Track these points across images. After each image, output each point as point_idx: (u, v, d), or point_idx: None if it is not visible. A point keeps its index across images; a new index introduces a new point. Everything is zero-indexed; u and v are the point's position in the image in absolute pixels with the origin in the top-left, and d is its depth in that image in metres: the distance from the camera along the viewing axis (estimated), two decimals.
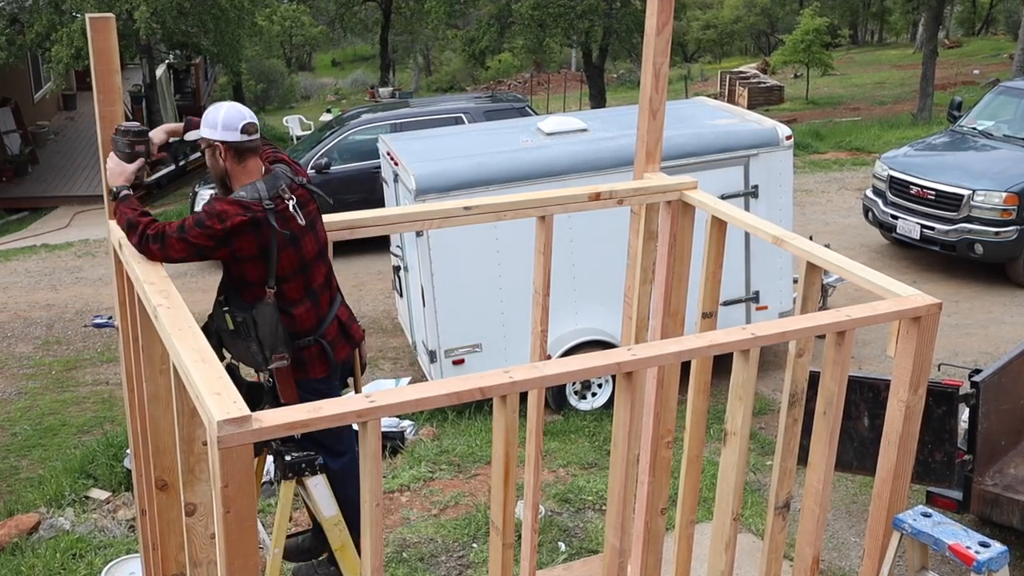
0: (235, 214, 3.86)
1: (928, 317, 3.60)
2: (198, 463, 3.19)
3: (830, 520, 6.61)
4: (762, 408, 8.34)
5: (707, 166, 8.18)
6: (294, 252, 4.04)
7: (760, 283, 8.79)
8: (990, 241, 10.59)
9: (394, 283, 9.45)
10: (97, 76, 3.74)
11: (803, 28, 27.90)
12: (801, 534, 4.00)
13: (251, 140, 3.99)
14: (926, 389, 3.77)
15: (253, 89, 35.83)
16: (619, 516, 3.57)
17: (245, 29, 21.39)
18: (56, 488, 7.21)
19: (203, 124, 3.98)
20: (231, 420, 2.59)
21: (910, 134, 17.82)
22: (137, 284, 3.56)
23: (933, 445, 5.69)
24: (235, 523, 2.68)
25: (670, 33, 4.46)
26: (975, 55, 33.90)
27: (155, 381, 3.64)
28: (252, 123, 3.99)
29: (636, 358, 3.25)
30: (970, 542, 3.94)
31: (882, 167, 11.71)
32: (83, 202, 18.17)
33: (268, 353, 4.09)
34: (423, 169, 7.94)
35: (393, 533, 6.42)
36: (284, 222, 3.98)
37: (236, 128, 3.94)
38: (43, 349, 10.62)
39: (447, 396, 2.96)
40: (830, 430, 3.77)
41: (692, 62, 43.09)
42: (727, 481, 3.88)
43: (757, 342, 3.48)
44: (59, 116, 24.87)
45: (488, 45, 21.78)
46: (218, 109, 3.97)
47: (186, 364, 2.88)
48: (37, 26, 18.40)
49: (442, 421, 8.27)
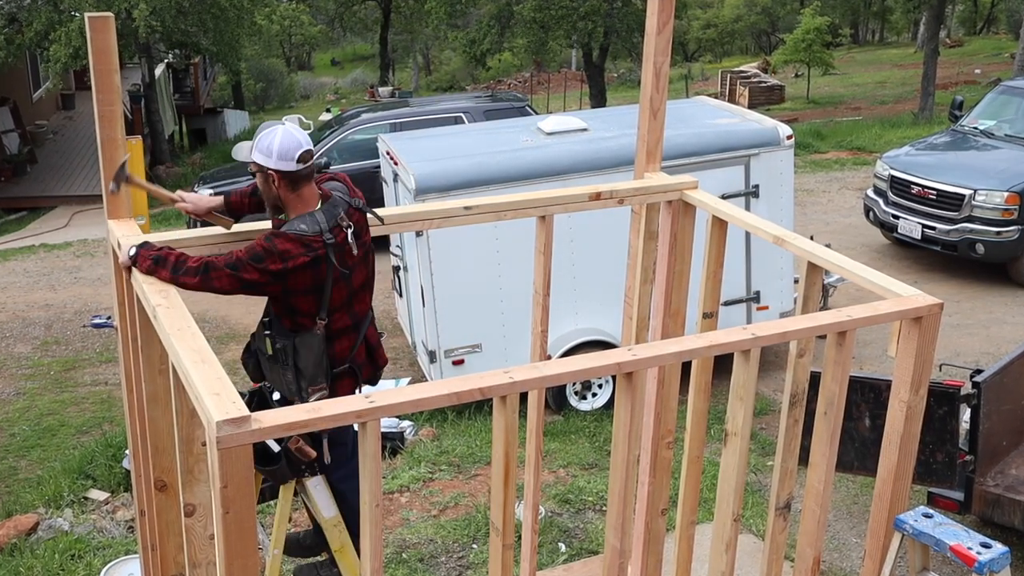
0: (298, 254, 3.75)
1: (929, 317, 3.60)
2: (197, 464, 3.20)
3: (831, 521, 6.62)
4: (763, 408, 8.34)
5: (708, 166, 8.18)
6: (345, 286, 3.99)
7: (761, 283, 8.79)
8: (992, 241, 10.59)
9: (393, 283, 9.45)
10: (96, 75, 3.74)
11: (804, 27, 27.90)
12: (802, 535, 4.01)
13: (307, 168, 3.86)
14: (927, 389, 3.77)
15: (252, 88, 35.87)
16: (619, 517, 3.57)
17: (244, 28, 21.38)
18: (55, 489, 7.21)
19: (256, 148, 3.84)
20: (230, 420, 2.59)
21: (911, 133, 17.82)
22: (136, 284, 3.56)
23: (934, 446, 5.69)
24: (234, 524, 2.68)
25: (671, 32, 4.47)
26: (976, 54, 33.90)
27: (154, 382, 3.64)
28: (308, 151, 3.84)
29: (636, 358, 3.25)
30: (971, 543, 3.94)
31: (883, 167, 11.71)
32: (82, 202, 18.17)
33: (306, 384, 4.01)
34: (423, 169, 7.94)
35: (393, 534, 6.42)
36: (342, 256, 3.90)
37: (292, 158, 3.80)
38: (42, 349, 10.62)
39: (447, 396, 2.96)
40: (831, 431, 3.78)
41: (693, 61, 43.08)
42: (728, 482, 3.88)
43: (758, 342, 3.49)
44: (58, 116, 24.87)
45: (490, 47, 21.77)
46: (272, 135, 3.82)
47: (185, 365, 2.88)
48: (36, 25, 18.39)
49: (442, 422, 8.27)
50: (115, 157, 3.84)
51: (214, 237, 3.93)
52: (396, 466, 7.41)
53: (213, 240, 3.92)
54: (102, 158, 3.88)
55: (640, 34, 19.57)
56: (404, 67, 44.99)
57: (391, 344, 10.17)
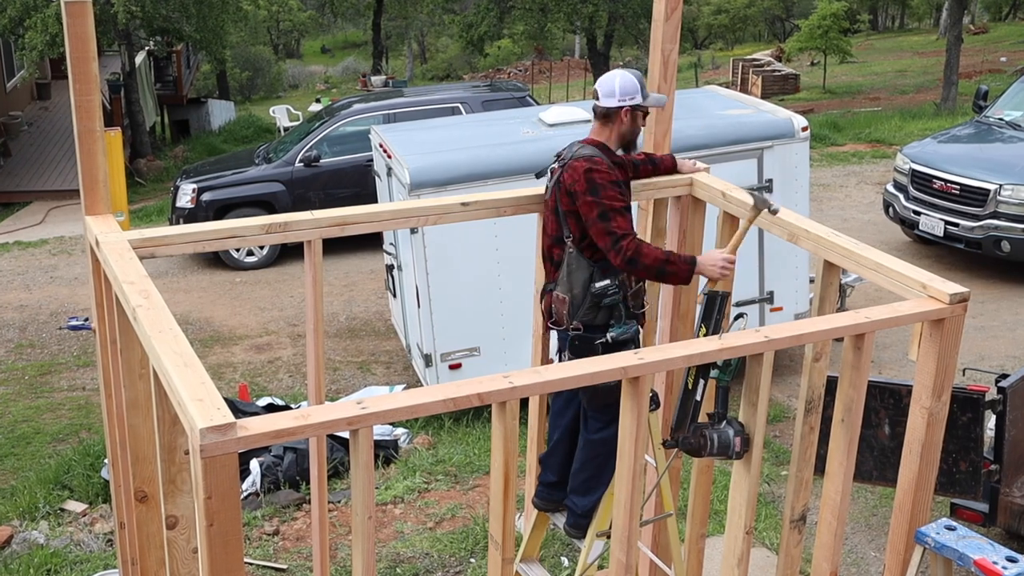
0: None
1: (952, 319, 3.61)
2: (180, 473, 3.20)
3: (848, 534, 6.62)
4: (777, 415, 8.34)
5: (719, 159, 8.17)
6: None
7: (775, 283, 8.79)
8: (1018, 238, 10.58)
9: (387, 283, 9.46)
10: (73, 64, 3.74)
11: (820, 13, 27.93)
12: (818, 548, 4.01)
13: None
14: (950, 395, 3.77)
15: (238, 77, 35.87)
16: (626, 529, 3.57)
17: (229, 14, 21.38)
18: (29, 500, 7.20)
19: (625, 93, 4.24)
20: (214, 428, 2.59)
21: (933, 125, 17.83)
22: (115, 284, 3.56)
23: (957, 454, 5.69)
24: (219, 537, 2.68)
25: (679, 18, 4.47)
26: (1002, 41, 33.91)
27: (134, 387, 3.65)
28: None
29: (643, 363, 3.25)
30: (996, 557, 3.94)
31: (903, 160, 11.71)
32: (58, 197, 18.16)
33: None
34: (418, 162, 7.95)
35: (386, 547, 6.42)
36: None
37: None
38: (15, 353, 10.62)
39: (443, 402, 2.97)
40: (849, 438, 3.78)
41: (703, 49, 43.11)
42: (740, 492, 3.88)
43: (771, 345, 3.49)
44: (33, 106, 24.88)
45: (487, 31, 21.81)
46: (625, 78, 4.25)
47: (167, 368, 2.88)
48: (10, 11, 18.39)
49: (438, 429, 8.28)
50: (93, 150, 3.84)
51: (201, 234, 3.94)
52: (390, 476, 7.42)
53: (200, 237, 3.93)
54: (80, 151, 3.88)
55: (647, 20, 19.56)
56: (398, 55, 45.03)
57: (384, 347, 10.18)
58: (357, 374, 9.61)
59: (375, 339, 10.41)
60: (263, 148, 14.56)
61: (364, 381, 9.43)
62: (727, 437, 3.91)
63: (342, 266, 12.17)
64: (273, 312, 11.18)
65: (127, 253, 3.70)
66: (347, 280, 11.90)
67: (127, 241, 3.78)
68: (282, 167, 12.95)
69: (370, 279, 11.88)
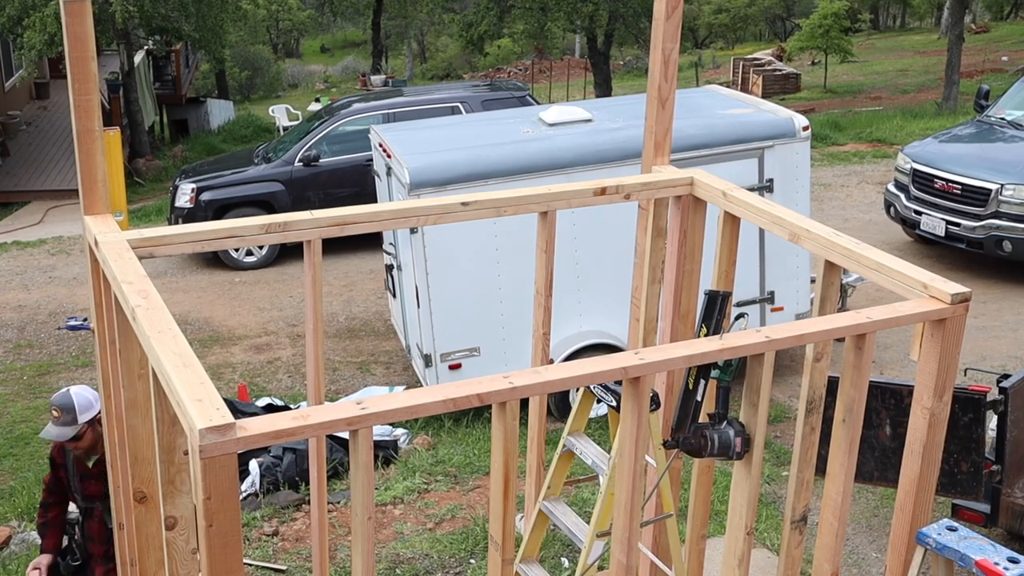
0: None
1: (954, 319, 3.60)
2: (179, 474, 3.19)
3: (850, 535, 6.62)
4: (777, 416, 8.34)
5: (719, 158, 8.18)
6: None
7: (775, 283, 8.79)
8: (1020, 238, 10.58)
9: (387, 283, 9.46)
10: (72, 63, 3.74)
11: (821, 12, 27.93)
12: (819, 549, 4.01)
13: None
14: (951, 395, 3.77)
15: (237, 77, 35.87)
16: (626, 530, 3.57)
17: (228, 13, 21.38)
18: (28, 500, 7.20)
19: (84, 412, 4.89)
20: (214, 428, 2.59)
21: (934, 124, 17.83)
22: (114, 284, 3.56)
23: (959, 455, 5.69)
24: (218, 538, 2.68)
25: (680, 17, 4.47)
26: (1004, 40, 33.91)
27: (133, 387, 3.64)
28: None
29: (644, 363, 3.25)
30: (998, 558, 3.94)
31: (905, 160, 11.72)
32: (57, 196, 18.17)
33: None
34: (418, 162, 7.94)
35: (386, 548, 6.42)
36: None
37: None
38: (14, 353, 10.62)
39: (443, 403, 2.97)
40: (850, 439, 3.78)
41: (703, 48, 43.11)
42: (740, 493, 3.88)
43: (772, 346, 3.49)
44: (31, 106, 24.88)
45: (487, 30, 21.81)
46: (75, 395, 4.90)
47: (166, 369, 2.88)
48: (8, 10, 18.40)
49: (438, 429, 8.28)
50: (92, 149, 3.84)
51: (200, 234, 3.94)
52: (389, 476, 7.42)
53: (199, 237, 3.93)
54: (78, 150, 3.88)
55: (647, 19, 19.58)
56: (398, 54, 45.03)
57: (384, 348, 10.18)
58: (357, 374, 9.61)
59: (375, 339, 10.41)
60: (262, 148, 14.56)
61: (364, 381, 9.43)
62: (728, 437, 3.91)
63: (341, 266, 12.17)
64: (272, 312, 11.19)
65: (126, 253, 3.69)
66: (347, 280, 11.90)
67: (126, 241, 3.77)
68: (281, 167, 12.95)
69: (370, 279, 11.88)
